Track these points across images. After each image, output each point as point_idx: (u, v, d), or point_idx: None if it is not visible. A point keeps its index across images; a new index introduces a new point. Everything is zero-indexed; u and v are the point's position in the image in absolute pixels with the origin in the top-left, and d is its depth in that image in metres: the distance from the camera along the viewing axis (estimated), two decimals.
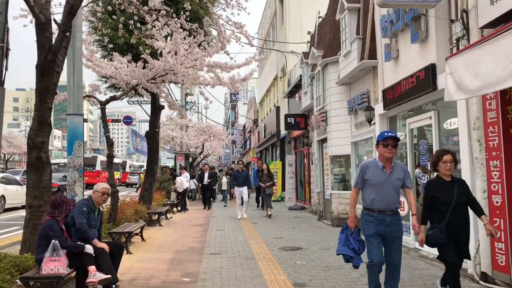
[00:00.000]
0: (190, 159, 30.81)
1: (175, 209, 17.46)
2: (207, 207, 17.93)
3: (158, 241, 9.89)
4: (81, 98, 8.63)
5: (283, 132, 21.92)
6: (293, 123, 16.50)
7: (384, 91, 8.70)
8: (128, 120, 25.98)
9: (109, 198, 10.66)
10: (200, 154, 35.52)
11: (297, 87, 18.15)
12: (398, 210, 4.75)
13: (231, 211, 16.84)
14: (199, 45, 11.26)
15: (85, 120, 46.08)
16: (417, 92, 7.25)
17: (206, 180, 18.76)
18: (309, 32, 16.69)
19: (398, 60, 8.21)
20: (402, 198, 5.52)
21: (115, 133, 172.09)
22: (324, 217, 13.13)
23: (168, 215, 15.03)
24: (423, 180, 7.70)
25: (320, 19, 14.70)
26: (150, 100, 15.03)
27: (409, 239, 8.25)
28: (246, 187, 13.94)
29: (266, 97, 29.33)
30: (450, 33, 6.34)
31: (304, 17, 20.64)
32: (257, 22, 24.94)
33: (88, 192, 6.26)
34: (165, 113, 39.87)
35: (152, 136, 14.53)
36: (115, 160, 52.20)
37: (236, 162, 42.63)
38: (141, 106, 21.25)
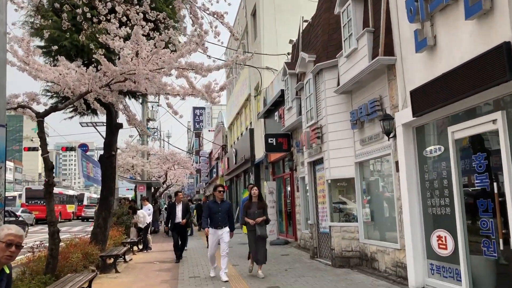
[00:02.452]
0: (153, 189, 28.00)
1: (135, 247, 14.73)
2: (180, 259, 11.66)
3: None
4: (4, 104, 6.17)
5: (258, 156, 19.73)
6: (274, 144, 14.34)
7: (414, 93, 6.69)
8: (84, 148, 23.17)
9: (48, 240, 8.09)
10: (163, 183, 32.73)
11: (276, 105, 16.12)
12: None
13: (203, 247, 14.30)
14: (167, 44, 9.06)
15: (35, 149, 42.19)
16: (477, 86, 5.25)
17: (179, 216, 11.89)
18: (291, 41, 14.80)
19: (436, 49, 6.24)
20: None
21: (71, 164, 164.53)
22: (319, 254, 10.85)
23: (127, 257, 12.35)
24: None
25: (306, 24, 12.83)
26: (106, 118, 12.57)
27: None
28: (227, 228, 8.89)
29: (237, 121, 27.19)
30: None
31: (280, 30, 18.85)
32: (225, 41, 23.36)
33: (38, 228, 3.96)
34: (124, 139, 37.04)
35: (108, 161, 11.97)
36: (70, 192, 48.41)
37: (202, 191, 38.67)
38: (95, 127, 18.56)
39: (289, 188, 16.13)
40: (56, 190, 39.98)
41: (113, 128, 12.21)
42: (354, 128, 9.22)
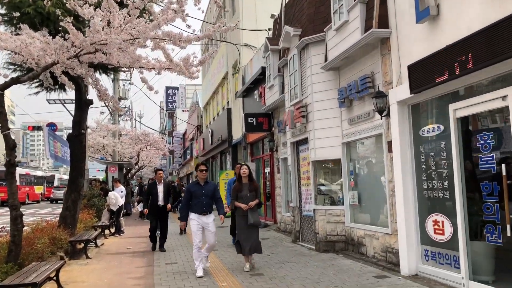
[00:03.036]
0: (124, 171, 27.12)
1: (107, 231, 14.05)
2: (158, 248, 10.13)
3: None
4: None
5: (236, 136, 19.16)
6: (254, 124, 13.79)
7: (412, 68, 6.21)
8: (52, 127, 22.09)
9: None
10: (136, 164, 31.84)
11: (256, 83, 15.52)
12: None
13: (178, 231, 13.72)
14: (142, 13, 8.33)
15: None
16: (486, 59, 4.80)
17: (160, 198, 10.18)
18: (272, 16, 14.15)
19: (438, 19, 5.76)
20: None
21: (39, 144, 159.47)
22: (301, 238, 10.46)
23: (99, 241, 11.67)
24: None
25: None
26: (74, 94, 11.70)
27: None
28: (213, 215, 7.53)
29: (213, 100, 26.44)
30: None
31: (260, 5, 18.13)
32: (200, 18, 22.46)
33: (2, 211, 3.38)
34: (94, 118, 35.65)
35: (77, 140, 11.19)
36: (38, 173, 46.68)
37: (176, 173, 37.37)
38: (64, 105, 17.53)
39: (268, 170, 15.68)
40: (23, 171, 38.78)
41: (82, 104, 11.38)
42: (342, 106, 8.74)
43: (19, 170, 36.37)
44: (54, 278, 6.66)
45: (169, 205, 10.33)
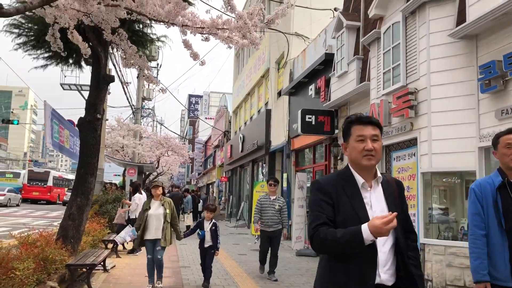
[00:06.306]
0: (143, 175, 24.42)
1: (120, 246, 11.21)
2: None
3: None
4: None
5: (276, 142, 16.25)
6: (313, 123, 10.86)
7: None
8: (71, 124, 19.57)
9: None
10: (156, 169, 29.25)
11: (311, 76, 12.65)
12: None
13: None
14: None
15: (12, 122, 38.33)
16: None
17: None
18: None
19: None
20: None
21: None
22: None
23: (109, 262, 8.83)
24: None
25: None
26: (91, 69, 9.00)
27: None
28: None
29: (245, 103, 23.64)
30: None
31: None
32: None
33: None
34: (114, 115, 32.98)
35: (90, 127, 8.42)
36: (70, 177, 44.53)
37: (194, 182, 34.28)
38: (80, 92, 14.90)
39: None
40: (56, 173, 39.94)
41: (100, 80, 8.60)
42: (485, 91, 5.78)
43: (53, 173, 39.14)
44: None
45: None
